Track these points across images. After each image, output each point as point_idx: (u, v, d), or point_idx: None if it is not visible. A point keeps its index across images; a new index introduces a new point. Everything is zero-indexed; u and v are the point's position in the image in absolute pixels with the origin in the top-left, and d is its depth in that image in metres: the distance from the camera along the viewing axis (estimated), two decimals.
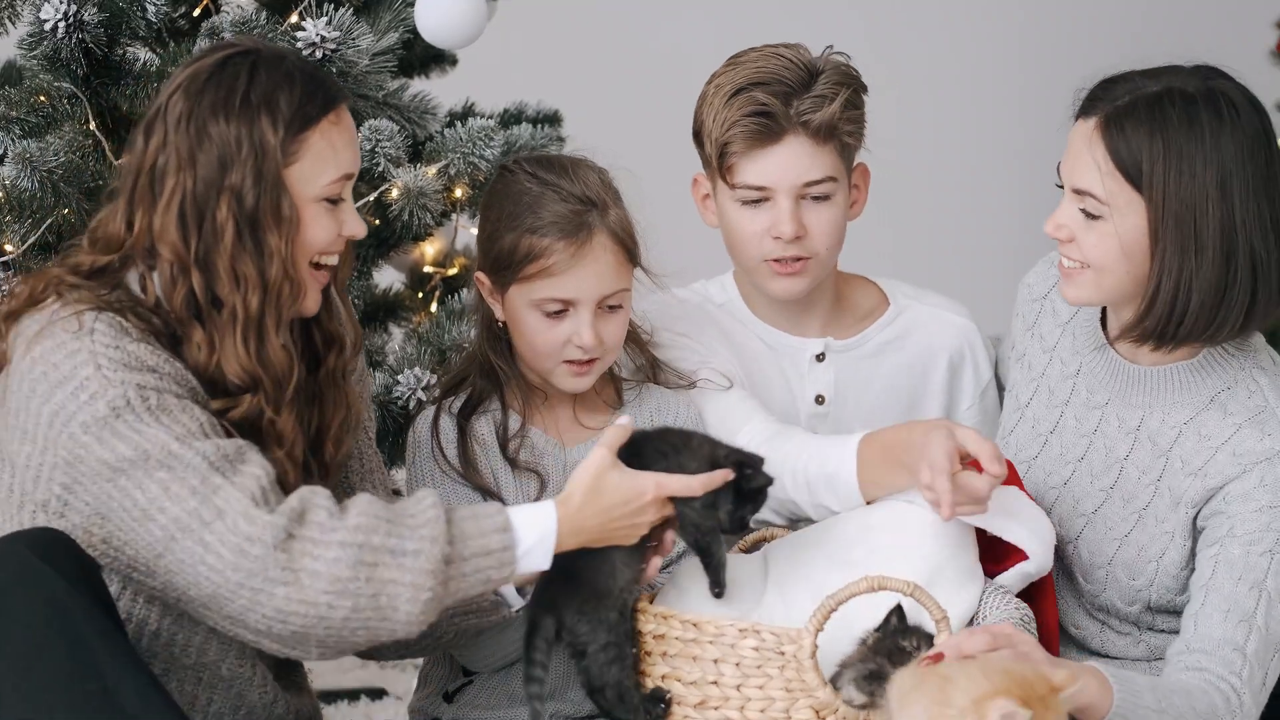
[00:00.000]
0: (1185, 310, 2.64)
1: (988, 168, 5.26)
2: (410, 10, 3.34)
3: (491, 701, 2.83)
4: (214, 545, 2.37)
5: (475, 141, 3.37)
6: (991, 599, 2.67)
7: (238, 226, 2.48)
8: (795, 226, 2.92)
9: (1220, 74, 2.69)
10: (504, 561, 2.47)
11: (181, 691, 2.55)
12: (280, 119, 2.50)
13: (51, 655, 2.30)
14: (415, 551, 2.41)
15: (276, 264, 2.50)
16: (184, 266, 2.49)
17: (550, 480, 2.83)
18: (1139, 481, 2.77)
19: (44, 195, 3.09)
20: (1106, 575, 2.78)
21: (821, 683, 2.47)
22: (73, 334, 2.44)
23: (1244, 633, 2.63)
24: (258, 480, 2.42)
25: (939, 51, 5.36)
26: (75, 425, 2.40)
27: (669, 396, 2.94)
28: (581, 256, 2.75)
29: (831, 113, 2.91)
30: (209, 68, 2.52)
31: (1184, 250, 2.62)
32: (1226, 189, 2.61)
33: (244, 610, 2.38)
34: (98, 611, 2.34)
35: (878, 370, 3.07)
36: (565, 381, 2.82)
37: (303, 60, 2.61)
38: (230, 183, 2.48)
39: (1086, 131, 2.68)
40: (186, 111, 2.49)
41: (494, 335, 2.86)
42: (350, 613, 2.39)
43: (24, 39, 3.19)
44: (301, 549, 2.38)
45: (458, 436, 2.82)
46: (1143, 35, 5.21)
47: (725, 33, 3.35)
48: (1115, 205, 2.65)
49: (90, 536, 2.43)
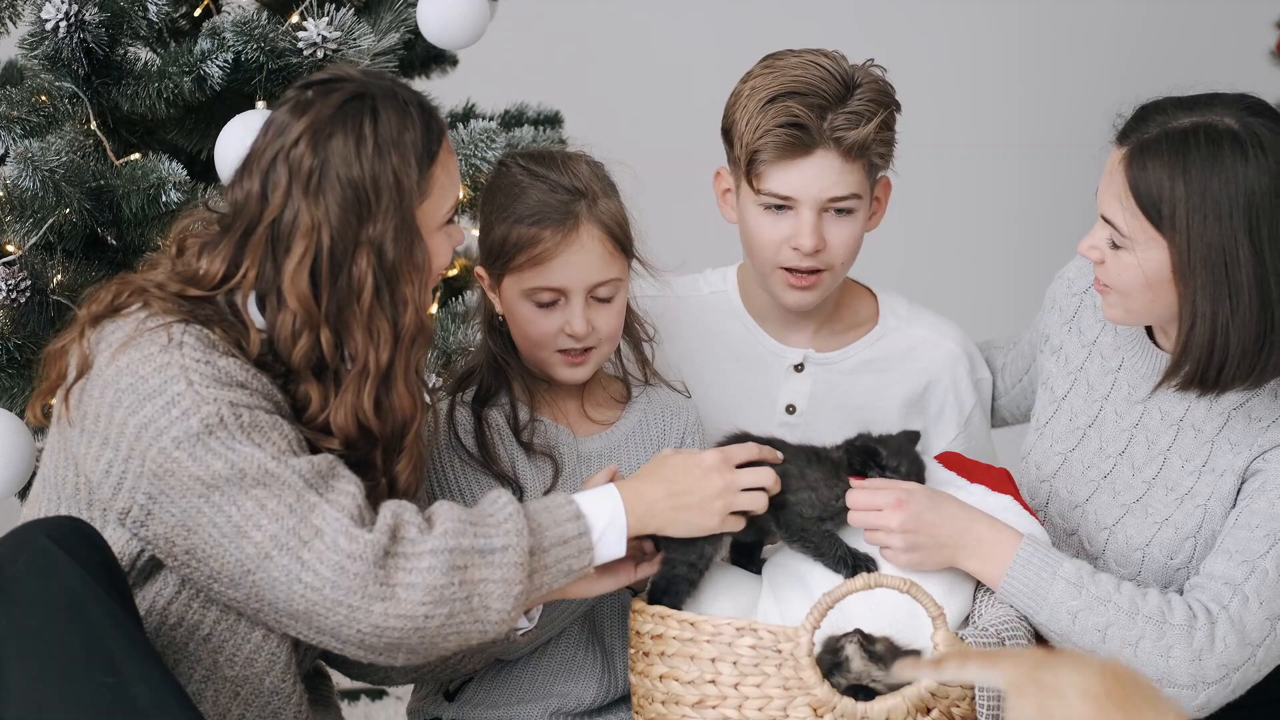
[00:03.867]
0: (1225, 358, 2.61)
1: (992, 175, 5.26)
2: (411, 10, 3.34)
3: (492, 700, 2.84)
4: (311, 563, 2.38)
5: (477, 143, 3.37)
6: (986, 597, 2.68)
7: (376, 280, 2.45)
8: (816, 240, 2.93)
9: (1261, 108, 2.64)
10: (582, 548, 2.49)
11: (216, 703, 2.54)
12: (411, 157, 2.46)
13: (66, 645, 2.30)
14: (504, 548, 2.43)
15: (410, 311, 2.48)
16: (314, 323, 2.46)
17: (565, 466, 2.85)
18: (1182, 469, 2.76)
19: (45, 195, 3.09)
20: (1143, 557, 2.77)
21: (819, 680, 2.47)
22: (161, 347, 2.42)
23: (1244, 572, 2.62)
24: (353, 498, 2.42)
25: (942, 53, 5.35)
26: (166, 440, 2.39)
27: (676, 396, 2.95)
28: (569, 244, 2.76)
29: (865, 134, 2.90)
30: (329, 117, 2.45)
31: (1216, 296, 2.59)
32: (1256, 234, 2.57)
33: (339, 625, 2.39)
34: (114, 604, 2.33)
35: (854, 387, 3.07)
36: (561, 372, 2.83)
37: (407, 89, 2.55)
38: (369, 235, 2.44)
39: (1115, 161, 2.66)
40: (316, 167, 2.43)
41: (495, 330, 2.88)
42: (445, 619, 2.40)
43: (25, 39, 3.20)
44: (396, 565, 2.39)
45: (475, 425, 2.84)
46: (1144, 36, 5.23)
47: (726, 33, 3.35)
48: (1136, 240, 2.64)
49: (173, 547, 2.43)
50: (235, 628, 2.52)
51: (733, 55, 3.11)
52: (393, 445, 2.53)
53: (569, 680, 2.84)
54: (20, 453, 3.00)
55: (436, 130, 2.51)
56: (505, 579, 2.42)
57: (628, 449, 2.90)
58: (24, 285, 3.06)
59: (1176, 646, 2.59)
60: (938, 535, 2.63)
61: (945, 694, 2.49)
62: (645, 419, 2.92)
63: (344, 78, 2.53)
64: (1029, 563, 2.63)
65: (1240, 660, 2.60)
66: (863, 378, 3.08)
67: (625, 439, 2.90)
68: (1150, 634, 2.60)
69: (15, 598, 2.31)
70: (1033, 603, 2.63)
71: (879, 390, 3.06)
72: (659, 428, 2.92)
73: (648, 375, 2.94)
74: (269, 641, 2.53)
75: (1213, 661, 2.59)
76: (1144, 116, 2.66)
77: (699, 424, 2.95)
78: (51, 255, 3.14)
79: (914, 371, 3.08)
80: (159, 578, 2.49)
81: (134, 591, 2.47)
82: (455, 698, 2.86)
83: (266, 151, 2.48)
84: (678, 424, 2.93)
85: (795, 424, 3.05)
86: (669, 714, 2.59)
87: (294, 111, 2.48)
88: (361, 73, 2.56)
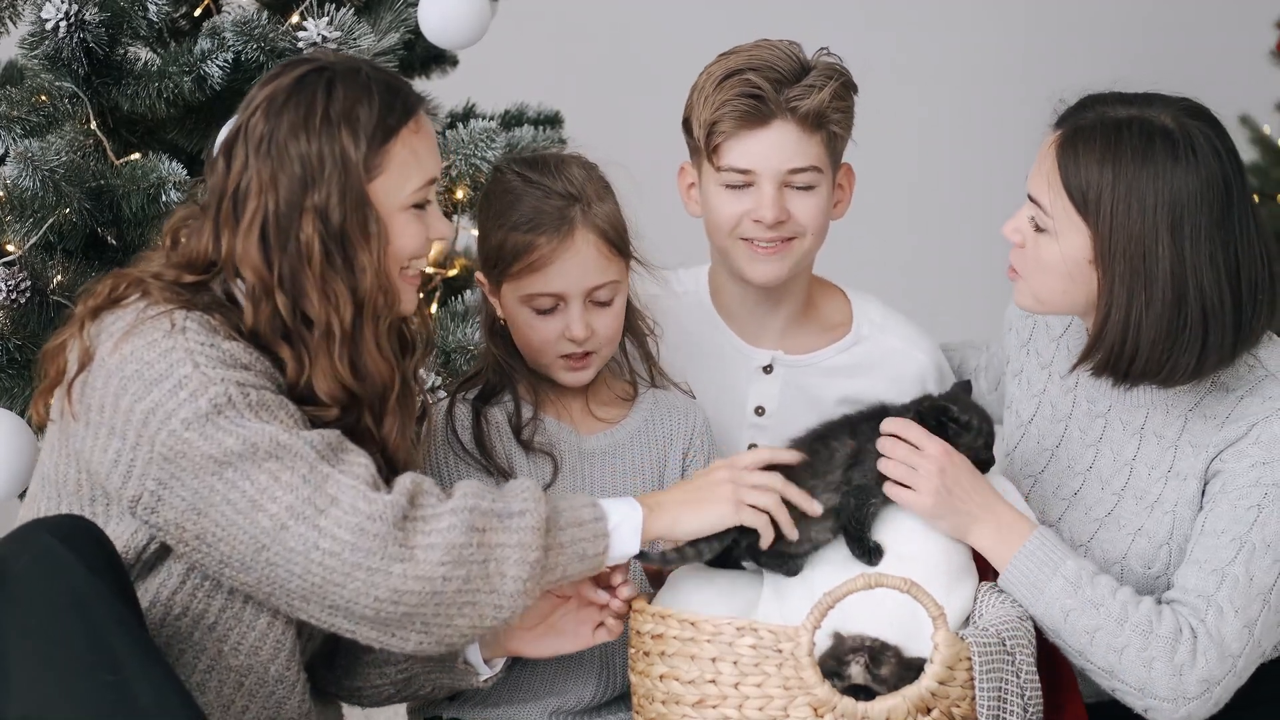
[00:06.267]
0: (1136, 349, 2.62)
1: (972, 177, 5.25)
2: (411, 10, 3.34)
3: (491, 699, 2.84)
4: (329, 529, 2.40)
5: (477, 143, 3.37)
6: (987, 597, 2.68)
7: (324, 245, 2.48)
8: (777, 211, 2.93)
9: (1200, 113, 2.66)
10: (598, 533, 2.52)
11: (220, 694, 2.55)
12: (362, 133, 2.50)
13: (69, 644, 2.30)
14: (521, 512, 2.47)
15: (369, 277, 2.51)
16: (267, 289, 2.49)
17: (564, 465, 2.85)
18: (1149, 477, 2.77)
19: (45, 195, 3.09)
20: (1122, 570, 2.78)
21: (819, 680, 2.47)
22: (165, 332, 2.44)
23: (1215, 582, 2.63)
24: (366, 468, 2.46)
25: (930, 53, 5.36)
26: (175, 422, 2.41)
27: (684, 396, 2.96)
28: (564, 250, 2.77)
29: (820, 100, 2.92)
30: (286, 87, 2.52)
31: (1133, 287, 2.61)
32: (1178, 232, 2.59)
33: (355, 595, 2.41)
34: (118, 602, 2.34)
35: (823, 392, 3.06)
36: (563, 376, 2.84)
37: (378, 69, 2.59)
38: (314, 202, 2.48)
39: (1048, 144, 2.68)
40: (267, 133, 2.49)
41: (497, 333, 2.88)
42: (462, 584, 2.42)
43: (25, 39, 3.20)
44: (415, 527, 2.42)
45: (473, 421, 2.85)
46: (1144, 36, 5.23)
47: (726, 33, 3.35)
48: (1059, 223, 2.66)
49: (182, 533, 2.44)
50: (240, 615, 2.53)
51: None
52: (377, 408, 2.55)
53: (569, 679, 2.83)
54: (22, 453, 3.00)
55: (400, 109, 2.54)
56: (522, 544, 2.45)
57: (633, 447, 2.90)
58: (24, 286, 3.06)
59: (1159, 660, 2.60)
60: (965, 502, 2.64)
61: (945, 694, 2.49)
62: (652, 418, 2.92)
63: (313, 57, 2.60)
64: (1033, 555, 2.64)
65: (1221, 674, 2.61)
66: (832, 381, 3.07)
67: (630, 437, 2.90)
68: (1135, 643, 2.61)
69: (19, 595, 2.31)
70: (1030, 594, 2.64)
71: (848, 395, 3.04)
72: (666, 428, 2.92)
73: (654, 375, 2.94)
74: (274, 629, 2.54)
75: (1193, 677, 2.60)
76: (1085, 105, 2.70)
77: (707, 426, 2.95)
78: (51, 255, 3.14)
79: (884, 380, 3.06)
80: (163, 568, 2.50)
81: (139, 582, 2.49)
82: (455, 696, 2.86)
83: (233, 125, 2.55)
84: (685, 426, 2.93)
85: (764, 426, 3.05)
86: (669, 714, 2.59)
87: (261, 86, 2.55)
88: (339, 57, 2.61)
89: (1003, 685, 2.53)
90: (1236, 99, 4.60)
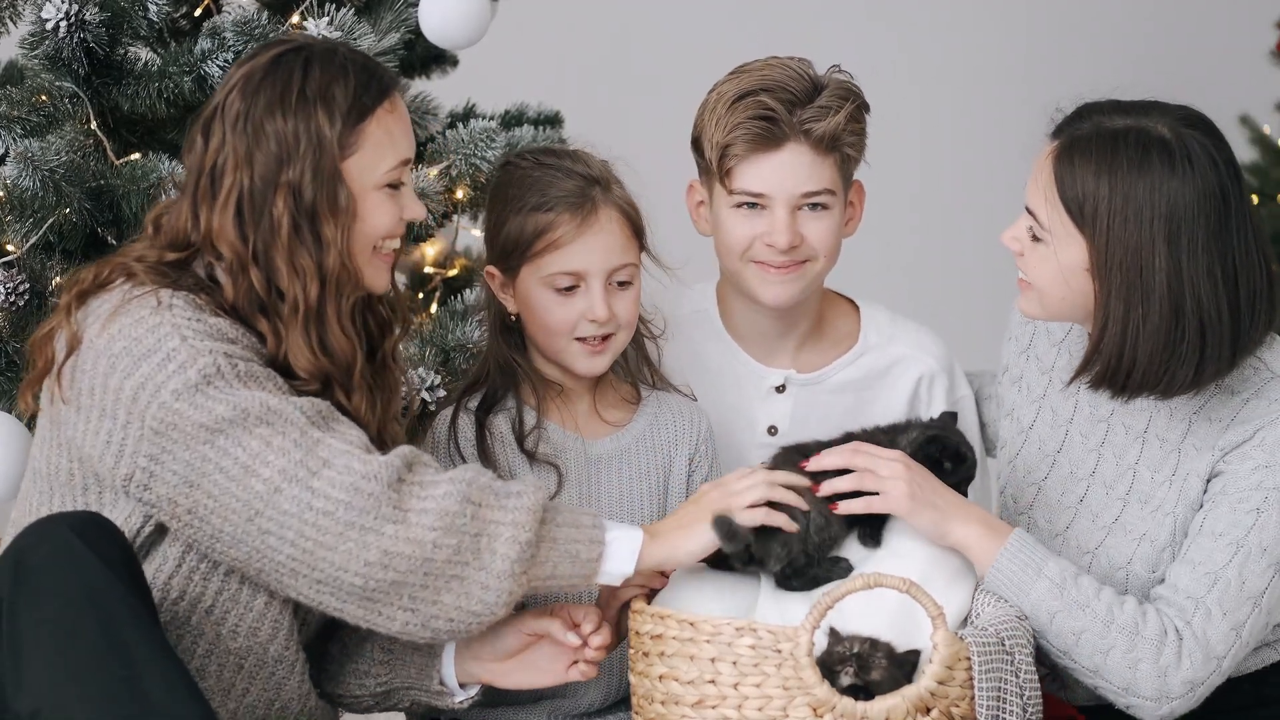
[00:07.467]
0: (1134, 362, 2.62)
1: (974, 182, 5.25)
2: (411, 10, 3.34)
3: (491, 699, 2.83)
4: (323, 489, 2.42)
5: (477, 143, 3.37)
6: (986, 597, 2.68)
7: (294, 221, 2.52)
8: (791, 236, 2.92)
9: (1198, 121, 2.65)
10: (593, 539, 2.53)
11: (220, 678, 2.57)
12: (336, 112, 2.54)
13: (83, 636, 2.32)
14: (519, 493, 2.49)
15: (333, 254, 2.54)
16: (243, 263, 2.53)
17: (569, 474, 2.85)
18: (1152, 481, 2.77)
19: (45, 195, 3.09)
20: (1127, 575, 2.78)
21: (818, 680, 2.47)
22: (151, 309, 2.48)
23: (1207, 584, 2.64)
24: (358, 434, 2.49)
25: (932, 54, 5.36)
26: (166, 394, 2.44)
27: (687, 401, 2.95)
28: (588, 227, 2.78)
29: (835, 124, 2.90)
30: (263, 66, 2.56)
31: (1130, 300, 2.60)
32: (1175, 244, 2.58)
33: (345, 560, 2.42)
34: (133, 597, 2.37)
35: (834, 407, 3.05)
36: (580, 362, 2.83)
37: (355, 51, 2.64)
38: (287, 178, 2.52)
39: (1045, 155, 2.68)
40: (243, 111, 2.53)
41: (505, 330, 2.88)
42: (452, 554, 2.43)
43: (25, 38, 3.19)
44: (411, 490, 2.45)
45: (475, 432, 2.84)
46: (1144, 37, 5.23)
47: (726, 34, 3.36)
48: (1055, 234, 2.65)
49: (175, 508, 2.46)
50: (237, 596, 2.55)
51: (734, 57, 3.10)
52: (345, 384, 2.58)
53: (573, 685, 2.82)
54: (21, 455, 2.99)
55: (376, 90, 2.58)
56: (515, 523, 2.46)
57: (638, 451, 2.90)
58: (22, 289, 3.05)
59: (1144, 661, 2.61)
60: (937, 496, 2.66)
61: (945, 694, 2.50)
62: (657, 422, 2.92)
63: (291, 38, 2.66)
64: (1016, 556, 2.65)
65: (1205, 675, 2.62)
66: (843, 398, 3.06)
67: (636, 441, 2.90)
68: (1121, 645, 2.61)
69: (35, 588, 2.34)
70: (1015, 595, 2.65)
71: (859, 410, 3.03)
72: (671, 431, 2.92)
73: (654, 378, 2.93)
74: (271, 608, 2.56)
75: (1178, 678, 2.61)
76: (1081, 114, 2.69)
77: (710, 432, 2.94)
78: (51, 255, 3.14)
79: (894, 391, 3.06)
80: (158, 552, 2.52)
81: None
82: None
83: (210, 104, 2.59)
84: (690, 432, 2.93)
85: (776, 445, 3.03)
86: (669, 714, 2.59)
87: (238, 65, 2.59)
88: (317, 39, 2.66)
89: (1002, 685, 2.53)
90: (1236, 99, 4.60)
